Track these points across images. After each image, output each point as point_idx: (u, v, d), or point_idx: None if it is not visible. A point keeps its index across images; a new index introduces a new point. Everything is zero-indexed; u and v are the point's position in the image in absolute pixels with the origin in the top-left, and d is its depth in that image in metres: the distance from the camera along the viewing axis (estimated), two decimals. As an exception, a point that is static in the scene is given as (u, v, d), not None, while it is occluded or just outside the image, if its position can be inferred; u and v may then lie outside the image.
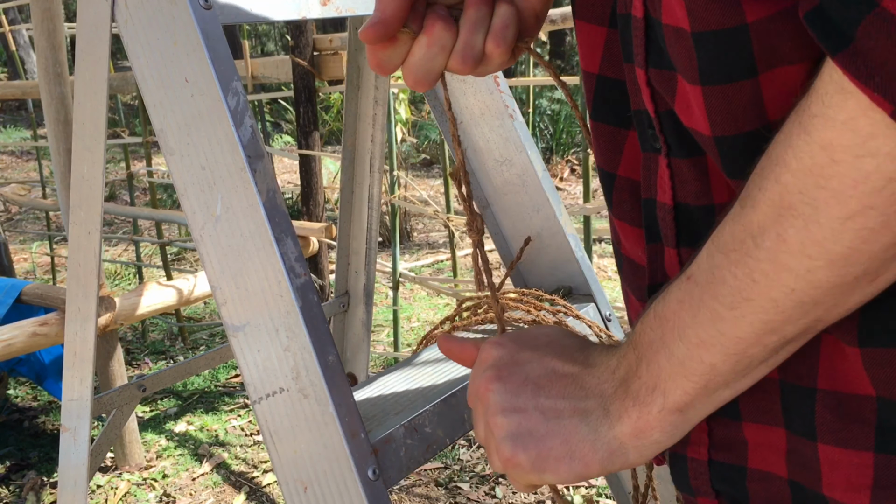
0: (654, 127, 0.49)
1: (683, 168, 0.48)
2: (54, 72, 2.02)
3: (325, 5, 0.86)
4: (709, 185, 0.47)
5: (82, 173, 0.90)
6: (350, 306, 1.45)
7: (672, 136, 0.48)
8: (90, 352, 0.98)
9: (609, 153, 0.56)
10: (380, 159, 1.33)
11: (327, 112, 6.06)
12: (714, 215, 0.48)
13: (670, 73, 0.45)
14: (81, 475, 1.07)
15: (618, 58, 0.53)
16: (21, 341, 1.93)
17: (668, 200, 0.50)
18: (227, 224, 0.71)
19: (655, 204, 0.51)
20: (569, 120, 6.99)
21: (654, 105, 0.48)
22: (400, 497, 2.19)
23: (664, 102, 0.47)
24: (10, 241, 4.98)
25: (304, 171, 2.62)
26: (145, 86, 0.74)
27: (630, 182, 0.55)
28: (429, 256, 4.67)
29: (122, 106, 3.93)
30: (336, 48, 2.51)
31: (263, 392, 0.71)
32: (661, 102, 0.48)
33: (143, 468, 2.44)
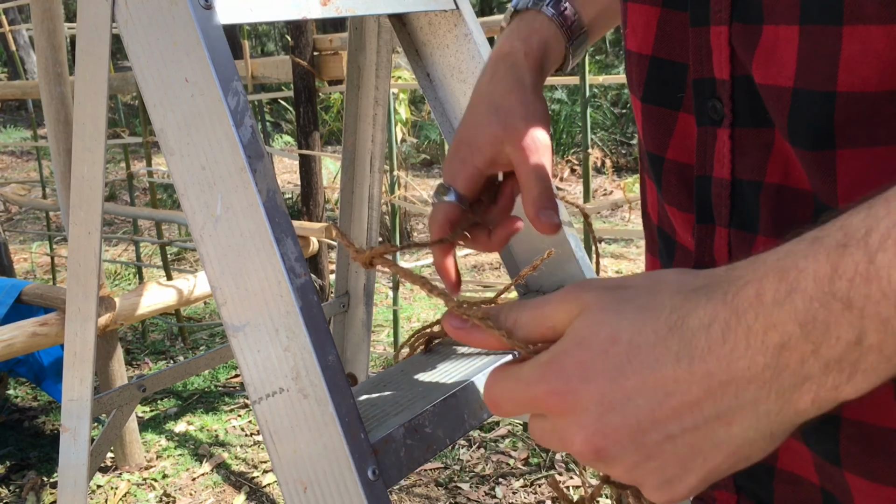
0: (718, 96, 0.48)
1: (746, 139, 0.47)
2: (54, 72, 2.02)
3: (325, 5, 0.86)
4: (766, 160, 0.46)
5: (82, 173, 0.90)
6: (350, 306, 1.45)
7: (742, 103, 0.47)
8: (90, 352, 0.98)
9: (659, 136, 0.55)
10: (380, 159, 1.33)
11: (327, 112, 6.06)
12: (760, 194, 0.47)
13: (755, 26, 0.45)
14: (81, 475, 1.07)
15: (671, 37, 0.53)
16: (21, 341, 1.93)
17: (726, 175, 0.49)
18: (227, 224, 0.71)
19: (710, 181, 0.50)
20: (569, 120, 6.99)
21: (732, 67, 0.47)
22: (400, 497, 2.19)
23: (741, 65, 0.47)
24: (10, 241, 4.98)
25: (304, 171, 2.62)
26: (145, 86, 0.74)
27: (678, 165, 0.54)
28: (429, 256, 4.67)
29: (122, 106, 3.93)
30: (336, 48, 2.51)
31: (263, 392, 0.71)
32: (738, 65, 0.47)
33: (143, 468, 2.44)
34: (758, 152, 0.47)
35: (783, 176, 0.46)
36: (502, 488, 2.21)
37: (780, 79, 0.43)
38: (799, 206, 0.45)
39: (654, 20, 0.54)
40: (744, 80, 0.47)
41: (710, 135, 0.50)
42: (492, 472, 2.29)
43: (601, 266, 2.98)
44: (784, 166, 0.46)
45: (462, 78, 1.04)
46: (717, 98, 0.49)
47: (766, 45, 0.44)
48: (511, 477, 2.26)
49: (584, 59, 2.01)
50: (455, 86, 1.05)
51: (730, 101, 0.48)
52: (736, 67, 0.47)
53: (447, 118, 1.06)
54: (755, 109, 0.46)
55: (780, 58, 0.43)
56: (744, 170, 0.48)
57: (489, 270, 4.34)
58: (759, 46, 0.44)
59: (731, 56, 0.47)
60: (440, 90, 1.06)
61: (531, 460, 2.34)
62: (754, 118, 0.47)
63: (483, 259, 4.53)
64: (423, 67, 1.06)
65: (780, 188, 0.46)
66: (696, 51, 0.50)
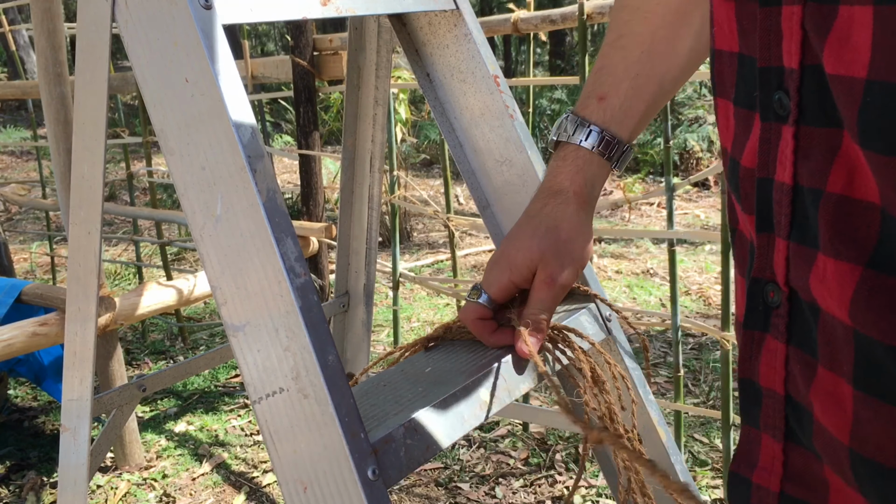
0: (785, 88, 0.44)
1: (811, 140, 0.43)
2: (54, 72, 2.02)
3: (325, 5, 0.86)
4: (830, 166, 0.41)
5: (82, 173, 0.90)
6: (350, 306, 1.45)
7: (810, 97, 0.42)
8: (90, 352, 0.98)
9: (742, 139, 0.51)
10: (380, 159, 1.33)
11: (327, 112, 6.06)
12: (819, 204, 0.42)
13: (830, 6, 0.40)
14: (81, 475, 1.07)
15: (747, 30, 0.48)
16: (21, 341, 1.92)
17: (787, 179, 0.44)
18: (227, 224, 0.71)
19: (772, 184, 0.46)
20: (569, 120, 6.98)
21: (801, 55, 0.42)
22: (400, 497, 2.19)
23: (812, 53, 0.42)
24: (10, 241, 4.98)
25: (304, 171, 2.62)
26: (145, 86, 0.74)
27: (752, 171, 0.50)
28: (429, 256, 4.67)
29: (122, 106, 3.93)
30: (336, 48, 2.51)
31: (263, 392, 0.71)
32: (809, 53, 0.42)
33: (143, 468, 2.44)
34: (821, 156, 0.42)
35: (846, 185, 0.41)
36: (502, 488, 2.21)
37: (853, 69, 0.38)
38: (862, 221, 0.40)
39: (732, 14, 0.50)
40: (814, 71, 0.42)
41: (774, 132, 0.46)
42: (492, 472, 2.29)
43: (601, 266, 2.96)
44: (849, 174, 0.41)
45: (462, 78, 1.04)
46: (783, 90, 0.44)
47: (841, 30, 0.39)
48: (511, 477, 2.26)
49: (584, 60, 2.01)
50: (455, 86, 1.05)
51: (797, 95, 0.43)
52: (807, 55, 0.42)
53: (447, 118, 1.06)
54: (824, 106, 0.42)
55: (855, 44, 0.38)
56: (805, 175, 0.43)
57: (489, 270, 4.33)
58: (833, 31, 0.39)
59: (802, 41, 0.42)
60: (440, 90, 1.06)
61: (531, 460, 2.34)
62: (822, 116, 0.42)
63: (483, 259, 4.53)
64: (422, 67, 1.06)
65: (841, 199, 0.41)
66: (765, 34, 0.46)
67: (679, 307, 2.00)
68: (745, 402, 0.50)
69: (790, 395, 0.46)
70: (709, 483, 2.13)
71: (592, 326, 0.99)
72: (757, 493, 0.48)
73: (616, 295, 3.75)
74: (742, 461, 0.50)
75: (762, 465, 0.48)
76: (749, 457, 0.50)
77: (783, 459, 0.46)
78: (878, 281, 0.39)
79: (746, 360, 0.50)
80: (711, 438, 2.38)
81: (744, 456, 0.50)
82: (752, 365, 0.49)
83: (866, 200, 0.40)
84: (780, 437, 0.47)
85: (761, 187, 0.47)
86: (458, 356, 0.88)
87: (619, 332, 1.03)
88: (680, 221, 5.15)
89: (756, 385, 0.49)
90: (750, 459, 0.49)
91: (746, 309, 0.49)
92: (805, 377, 0.45)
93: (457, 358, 0.87)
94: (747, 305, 0.49)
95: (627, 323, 0.93)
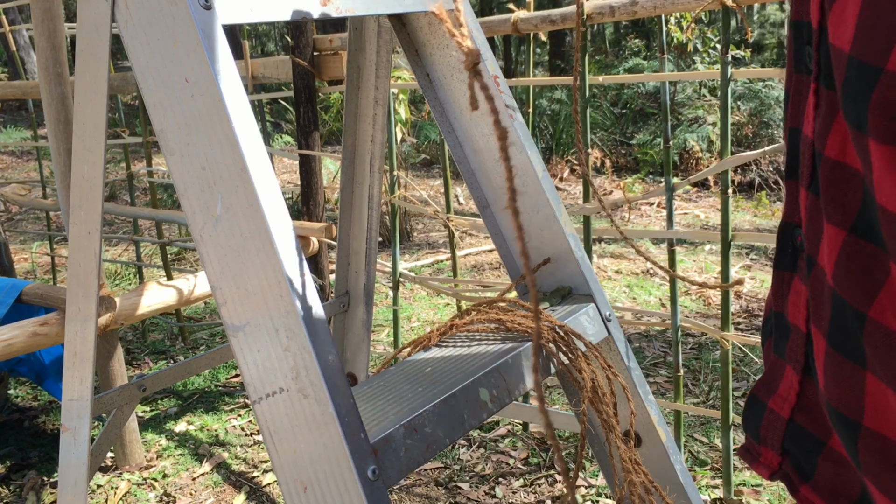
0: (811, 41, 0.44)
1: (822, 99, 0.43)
2: (54, 72, 2.02)
3: (325, 5, 0.86)
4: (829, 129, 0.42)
5: (82, 173, 0.90)
6: (350, 306, 1.45)
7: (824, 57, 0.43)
8: (90, 352, 0.98)
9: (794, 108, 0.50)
10: (380, 159, 1.33)
11: (327, 112, 6.06)
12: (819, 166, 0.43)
13: None
14: (81, 475, 1.07)
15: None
16: (21, 341, 1.92)
17: (809, 133, 0.45)
18: (227, 224, 0.71)
19: (800, 135, 0.47)
20: (569, 120, 6.99)
21: (820, 14, 0.43)
22: (400, 497, 2.19)
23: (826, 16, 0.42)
24: (10, 241, 4.98)
25: (304, 171, 2.62)
26: (145, 86, 0.74)
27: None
28: (429, 256, 4.67)
29: (122, 106, 3.93)
30: (336, 48, 2.51)
31: (263, 392, 0.71)
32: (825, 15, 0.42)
33: (144, 468, 2.44)
34: (824, 118, 0.43)
35: (840, 151, 0.42)
36: (502, 488, 2.21)
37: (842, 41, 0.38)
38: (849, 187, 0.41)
39: None
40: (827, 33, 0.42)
41: (805, 85, 0.46)
42: (491, 471, 2.29)
43: (601, 266, 2.96)
44: (843, 140, 0.41)
45: (462, 78, 1.04)
46: (809, 44, 0.44)
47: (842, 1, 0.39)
48: (511, 477, 2.26)
49: (584, 59, 2.01)
50: (455, 86, 1.05)
51: (816, 53, 0.43)
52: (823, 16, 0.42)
53: (447, 118, 1.06)
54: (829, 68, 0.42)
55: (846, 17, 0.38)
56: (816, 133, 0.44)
57: (489, 270, 4.34)
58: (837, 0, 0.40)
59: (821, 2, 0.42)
60: (440, 90, 1.06)
61: (531, 460, 2.34)
62: (829, 78, 0.42)
63: (483, 259, 4.53)
64: (422, 67, 1.06)
65: (835, 164, 0.42)
66: None
67: (679, 307, 1.99)
68: (777, 334, 0.53)
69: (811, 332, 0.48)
70: (709, 483, 2.13)
71: (592, 327, 0.99)
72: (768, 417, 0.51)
73: (616, 295, 3.75)
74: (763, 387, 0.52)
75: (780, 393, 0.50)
76: (770, 384, 0.52)
77: (798, 390, 0.49)
78: (857, 247, 0.40)
79: (779, 297, 0.52)
80: (711, 438, 2.38)
81: (766, 383, 0.53)
82: (783, 302, 0.52)
83: (853, 167, 0.41)
84: (800, 371, 0.49)
85: (792, 136, 0.48)
86: (458, 356, 0.88)
87: (618, 331, 1.03)
88: (680, 221, 5.15)
89: (785, 319, 0.51)
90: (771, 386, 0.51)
91: (778, 250, 0.52)
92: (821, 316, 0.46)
93: (457, 358, 0.87)
94: (778, 246, 0.51)
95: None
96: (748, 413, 0.54)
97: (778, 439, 0.51)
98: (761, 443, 0.52)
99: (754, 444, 0.53)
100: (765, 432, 0.51)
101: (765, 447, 0.52)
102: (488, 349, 0.88)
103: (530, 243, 1.05)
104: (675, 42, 6.01)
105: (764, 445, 0.52)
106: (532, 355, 0.88)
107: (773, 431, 0.51)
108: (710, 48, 6.48)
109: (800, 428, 0.49)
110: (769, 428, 0.51)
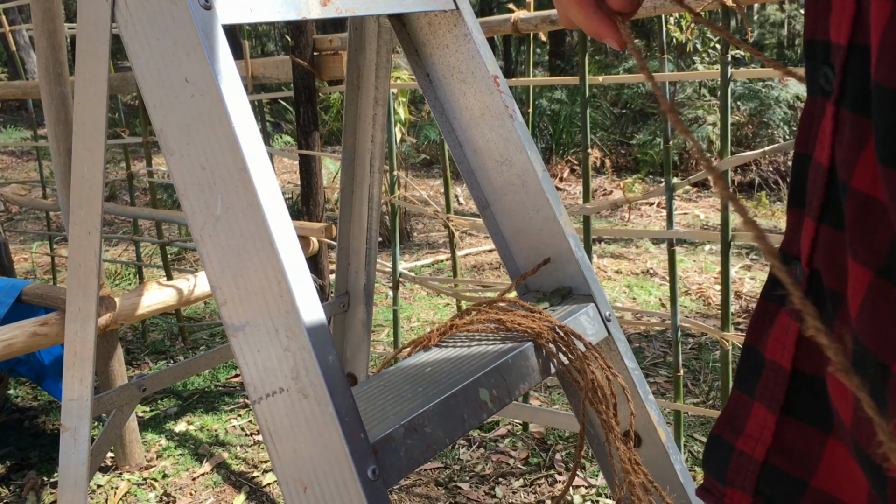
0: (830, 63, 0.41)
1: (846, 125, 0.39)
2: (54, 72, 2.02)
3: (325, 5, 0.86)
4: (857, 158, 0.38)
5: (82, 173, 0.90)
6: (350, 306, 1.45)
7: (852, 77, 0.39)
8: (90, 352, 0.98)
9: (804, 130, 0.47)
10: (380, 159, 1.33)
11: (327, 112, 6.07)
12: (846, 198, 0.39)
13: None
14: (81, 475, 1.07)
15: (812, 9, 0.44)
16: (21, 341, 1.93)
17: (824, 161, 0.41)
18: (227, 224, 0.71)
19: (810, 162, 0.43)
20: (569, 120, 7.00)
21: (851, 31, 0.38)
22: (400, 497, 2.19)
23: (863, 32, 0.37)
24: (10, 241, 4.98)
25: (304, 171, 2.62)
26: (145, 86, 0.74)
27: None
28: (429, 256, 4.67)
29: (122, 106, 3.93)
30: (336, 48, 2.51)
31: (263, 392, 0.71)
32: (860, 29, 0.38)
33: (143, 468, 2.44)
34: (850, 145, 0.38)
35: (871, 184, 0.37)
36: (502, 488, 2.21)
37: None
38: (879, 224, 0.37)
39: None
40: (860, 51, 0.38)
41: (819, 107, 0.43)
42: (491, 471, 2.29)
43: (601, 266, 2.97)
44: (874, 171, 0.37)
45: (462, 78, 1.04)
46: (829, 65, 0.41)
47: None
48: (511, 477, 2.26)
49: (584, 59, 2.01)
50: (455, 86, 1.05)
51: (841, 73, 0.39)
52: (857, 32, 0.38)
53: (447, 118, 1.06)
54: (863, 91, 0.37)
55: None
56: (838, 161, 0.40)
57: (489, 270, 4.34)
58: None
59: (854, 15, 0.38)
60: (440, 90, 1.06)
61: (531, 460, 2.34)
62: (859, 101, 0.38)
63: (483, 259, 4.53)
64: (422, 68, 1.06)
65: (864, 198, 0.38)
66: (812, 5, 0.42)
67: (679, 307, 2.00)
68: (744, 369, 0.49)
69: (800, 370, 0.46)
70: (709, 483, 2.13)
71: (592, 327, 0.99)
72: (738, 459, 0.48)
73: (616, 295, 3.75)
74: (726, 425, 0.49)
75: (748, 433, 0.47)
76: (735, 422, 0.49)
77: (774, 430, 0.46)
78: (884, 291, 0.37)
79: (756, 330, 0.49)
80: (711, 438, 2.38)
81: (729, 420, 0.50)
82: (761, 335, 0.48)
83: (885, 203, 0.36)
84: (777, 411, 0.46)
85: (799, 162, 0.45)
86: (458, 356, 0.88)
87: (618, 331, 1.03)
88: (680, 221, 5.15)
89: (760, 355, 0.48)
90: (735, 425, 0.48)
91: (769, 279, 0.48)
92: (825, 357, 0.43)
93: (457, 358, 0.87)
94: (770, 276, 0.48)
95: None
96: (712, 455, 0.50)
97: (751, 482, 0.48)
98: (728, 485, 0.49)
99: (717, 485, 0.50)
100: (733, 475, 0.48)
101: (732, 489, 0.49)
102: (488, 349, 0.88)
103: (530, 243, 1.05)
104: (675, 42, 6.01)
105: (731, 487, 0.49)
106: (532, 355, 0.88)
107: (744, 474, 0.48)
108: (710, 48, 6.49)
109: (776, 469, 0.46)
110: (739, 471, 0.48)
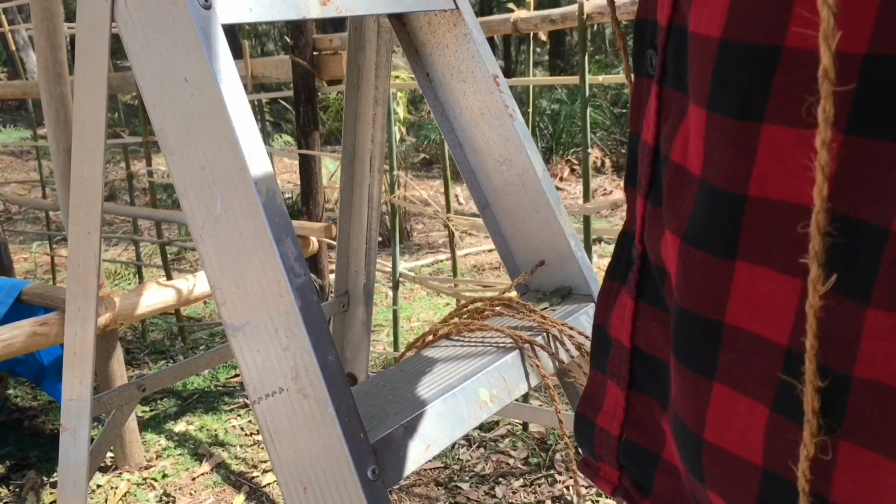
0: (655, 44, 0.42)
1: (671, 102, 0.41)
2: (54, 72, 2.02)
3: (325, 5, 0.86)
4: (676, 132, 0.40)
5: (82, 173, 0.90)
6: (350, 306, 1.45)
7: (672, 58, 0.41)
8: (90, 352, 0.98)
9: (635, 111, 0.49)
10: (380, 159, 1.33)
11: (327, 112, 6.06)
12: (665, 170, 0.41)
13: None
14: (81, 475, 1.07)
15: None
16: (21, 341, 1.93)
17: (650, 139, 0.43)
18: (227, 224, 0.71)
19: (639, 141, 0.45)
20: (569, 120, 7.00)
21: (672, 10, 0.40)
22: (400, 497, 2.19)
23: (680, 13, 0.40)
24: (10, 241, 4.98)
25: (304, 171, 2.62)
26: (145, 86, 0.74)
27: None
28: (429, 256, 4.67)
29: (122, 106, 3.93)
30: (336, 48, 2.51)
31: (263, 392, 0.71)
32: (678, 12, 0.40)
33: (143, 468, 2.44)
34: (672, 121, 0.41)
35: (682, 154, 0.40)
36: (502, 488, 2.21)
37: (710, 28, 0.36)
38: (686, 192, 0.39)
39: None
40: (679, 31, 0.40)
41: (645, 88, 0.44)
42: (491, 471, 2.29)
43: (601, 266, 2.96)
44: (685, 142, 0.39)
45: (462, 78, 1.04)
46: (653, 47, 0.43)
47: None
48: (511, 477, 2.26)
49: (584, 59, 2.01)
50: (455, 86, 1.05)
51: (662, 53, 0.41)
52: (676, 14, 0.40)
53: (447, 118, 1.06)
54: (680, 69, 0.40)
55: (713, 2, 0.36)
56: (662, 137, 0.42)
57: (489, 270, 4.34)
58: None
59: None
60: (440, 90, 1.06)
61: (531, 460, 2.34)
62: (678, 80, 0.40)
63: (483, 259, 4.53)
64: (422, 67, 1.06)
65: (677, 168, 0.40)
66: None
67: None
68: (596, 348, 0.51)
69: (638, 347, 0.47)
70: (709, 483, 2.13)
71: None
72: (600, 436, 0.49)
73: (616, 295, 3.74)
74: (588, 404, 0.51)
75: (606, 410, 0.49)
76: (594, 400, 0.50)
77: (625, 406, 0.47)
78: (689, 255, 0.38)
79: (603, 308, 0.50)
80: (711, 438, 2.38)
81: (589, 399, 0.51)
82: (606, 314, 0.50)
83: (692, 172, 0.39)
84: (625, 387, 0.48)
85: (632, 141, 0.46)
86: (457, 356, 0.88)
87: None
88: (680, 221, 5.14)
89: (607, 334, 0.50)
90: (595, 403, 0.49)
91: (613, 258, 0.50)
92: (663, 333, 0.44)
93: (457, 358, 0.87)
94: (614, 255, 0.49)
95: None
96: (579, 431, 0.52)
97: (613, 456, 0.49)
98: (598, 459, 0.51)
99: (592, 460, 0.51)
100: (599, 451, 0.50)
101: (602, 463, 0.50)
102: (488, 349, 0.88)
103: (530, 243, 1.05)
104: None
105: (601, 462, 0.50)
106: (532, 355, 0.88)
107: (607, 449, 0.49)
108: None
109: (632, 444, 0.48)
110: (602, 446, 0.50)
